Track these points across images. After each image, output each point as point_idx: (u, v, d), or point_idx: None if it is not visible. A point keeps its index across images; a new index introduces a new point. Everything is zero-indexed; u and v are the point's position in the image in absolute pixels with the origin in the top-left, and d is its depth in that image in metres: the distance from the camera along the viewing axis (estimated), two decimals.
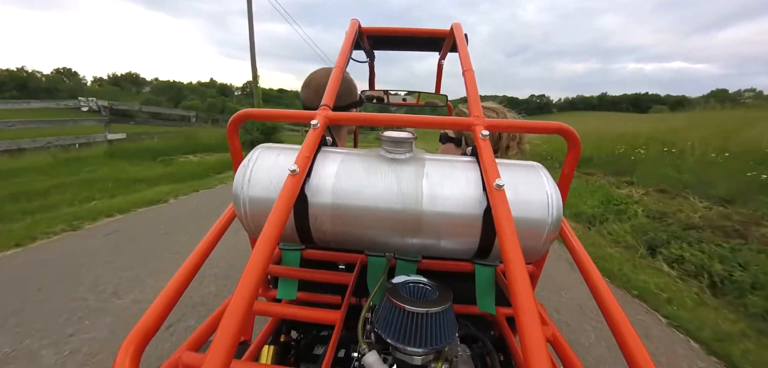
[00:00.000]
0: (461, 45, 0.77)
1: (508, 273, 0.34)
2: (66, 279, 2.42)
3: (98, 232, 3.34)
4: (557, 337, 0.58)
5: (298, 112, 0.60)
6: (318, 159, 0.51)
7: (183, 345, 0.48)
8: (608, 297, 0.43)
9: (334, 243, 0.53)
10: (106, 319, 1.99)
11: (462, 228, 0.47)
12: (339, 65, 0.70)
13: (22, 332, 1.85)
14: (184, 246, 3.02)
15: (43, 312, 2.03)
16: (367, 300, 0.55)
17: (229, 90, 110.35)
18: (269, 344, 0.71)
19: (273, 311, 0.61)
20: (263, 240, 0.35)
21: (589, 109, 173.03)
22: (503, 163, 0.51)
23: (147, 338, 0.37)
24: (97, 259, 2.74)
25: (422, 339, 0.45)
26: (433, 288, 0.52)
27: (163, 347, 1.72)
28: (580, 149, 0.53)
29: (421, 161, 0.51)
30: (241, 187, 0.50)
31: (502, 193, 0.42)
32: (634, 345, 0.37)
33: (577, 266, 0.52)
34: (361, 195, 0.48)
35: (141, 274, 2.52)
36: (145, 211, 4.14)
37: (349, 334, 0.64)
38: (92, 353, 1.73)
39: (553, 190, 0.48)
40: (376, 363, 0.46)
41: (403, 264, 0.66)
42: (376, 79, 1.62)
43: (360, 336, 0.50)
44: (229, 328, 0.29)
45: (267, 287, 0.78)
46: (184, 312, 2.05)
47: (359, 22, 0.85)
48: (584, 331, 2.12)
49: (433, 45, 1.16)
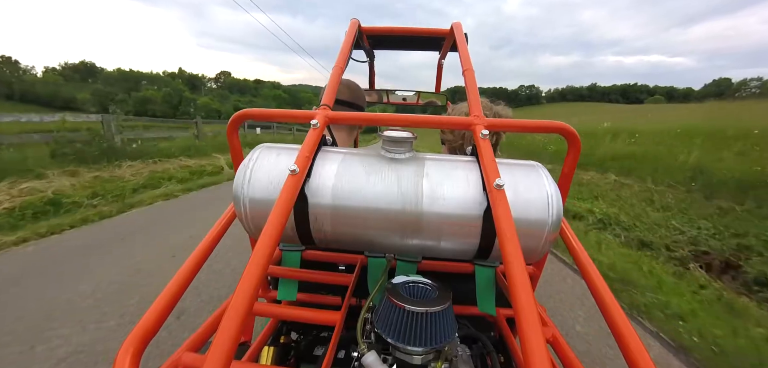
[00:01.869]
0: (461, 44, 0.77)
1: (509, 274, 0.34)
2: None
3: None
4: (557, 338, 0.58)
5: (298, 111, 0.60)
6: (318, 159, 0.51)
7: (183, 346, 0.48)
8: (608, 297, 0.43)
9: (334, 244, 0.52)
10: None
11: (462, 228, 0.47)
12: (339, 65, 0.70)
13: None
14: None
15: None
16: (367, 300, 0.55)
17: (200, 81, 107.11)
18: (269, 345, 0.71)
19: (273, 312, 0.60)
20: (263, 240, 0.35)
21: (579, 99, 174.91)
22: (503, 163, 0.51)
23: (147, 338, 0.37)
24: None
25: (422, 338, 0.45)
26: (432, 287, 0.52)
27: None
28: (580, 149, 0.53)
29: (421, 161, 0.51)
30: (241, 188, 0.49)
31: (502, 193, 0.41)
32: (634, 345, 0.37)
33: (578, 266, 0.52)
34: (361, 196, 0.47)
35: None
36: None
37: (349, 334, 0.64)
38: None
39: (553, 190, 0.48)
40: (375, 362, 0.46)
41: (403, 264, 0.66)
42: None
43: (359, 337, 0.50)
44: (229, 329, 0.29)
45: (267, 288, 0.78)
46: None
47: (359, 22, 0.85)
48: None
49: (433, 44, 1.16)
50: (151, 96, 38.24)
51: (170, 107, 51.61)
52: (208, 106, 56.27)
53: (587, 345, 1.91)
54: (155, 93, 50.80)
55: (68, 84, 68.61)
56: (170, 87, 57.49)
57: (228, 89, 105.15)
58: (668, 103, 40.76)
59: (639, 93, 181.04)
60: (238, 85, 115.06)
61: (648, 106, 25.53)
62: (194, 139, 8.94)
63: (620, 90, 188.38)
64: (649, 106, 23.70)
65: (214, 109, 55.40)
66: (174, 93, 53.45)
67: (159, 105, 48.63)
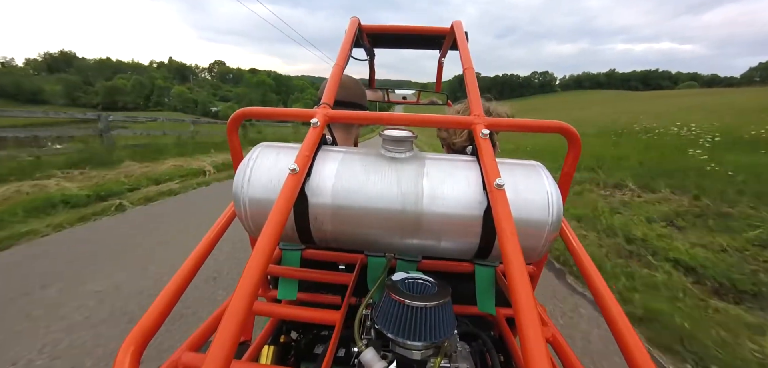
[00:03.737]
0: (461, 43, 0.77)
1: (508, 274, 0.34)
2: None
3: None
4: (557, 338, 0.58)
5: (298, 110, 0.60)
6: (318, 158, 0.51)
7: (183, 345, 0.48)
8: (608, 297, 0.43)
9: (334, 243, 0.53)
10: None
11: (462, 227, 0.47)
12: (339, 64, 0.70)
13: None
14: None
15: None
16: (366, 297, 0.55)
17: (191, 70, 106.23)
18: (269, 344, 0.71)
19: (273, 311, 0.61)
20: (263, 240, 0.35)
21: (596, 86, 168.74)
22: (504, 163, 0.50)
23: (147, 338, 0.38)
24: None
25: (421, 332, 0.46)
26: (432, 284, 0.52)
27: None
28: (580, 148, 0.53)
29: (422, 160, 0.51)
30: (241, 187, 0.49)
31: (502, 193, 0.41)
32: (634, 346, 0.37)
33: (578, 266, 0.52)
34: (361, 195, 0.48)
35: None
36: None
37: (349, 333, 0.65)
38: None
39: (553, 190, 0.48)
40: (374, 359, 0.46)
41: (403, 264, 0.66)
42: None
43: (356, 334, 0.50)
44: (229, 328, 0.29)
45: (267, 287, 0.78)
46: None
47: (359, 20, 0.85)
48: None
49: (433, 43, 1.15)
50: (120, 85, 36.58)
51: (141, 97, 48.83)
52: (184, 96, 52.51)
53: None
54: (123, 81, 47.82)
55: (38, 75, 63.70)
56: (147, 75, 53.82)
57: (220, 79, 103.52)
58: (704, 89, 35.42)
59: (661, 79, 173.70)
60: (233, 74, 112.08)
61: (680, 92, 22.20)
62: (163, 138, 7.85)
63: (641, 76, 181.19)
64: (685, 91, 20.93)
65: (191, 98, 52.03)
66: (147, 82, 50.71)
67: (130, 95, 46.20)
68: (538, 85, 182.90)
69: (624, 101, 14.74)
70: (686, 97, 9.63)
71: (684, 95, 12.21)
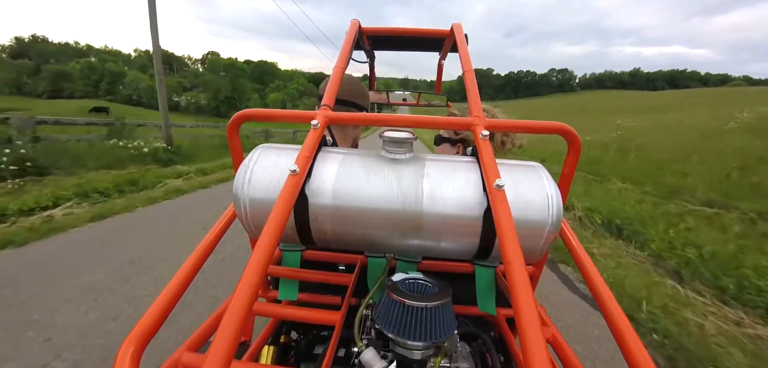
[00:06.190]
0: (461, 45, 0.77)
1: (508, 274, 0.34)
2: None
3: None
4: (557, 338, 0.58)
5: (299, 111, 0.60)
6: (318, 159, 0.51)
7: (183, 346, 0.48)
8: (608, 297, 0.43)
9: (334, 244, 0.53)
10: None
11: (462, 228, 0.47)
12: (339, 65, 0.70)
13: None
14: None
15: None
16: (367, 297, 0.56)
17: (180, 61, 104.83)
18: (269, 344, 0.71)
19: (273, 312, 0.61)
20: (263, 240, 0.35)
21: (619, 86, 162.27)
22: (503, 164, 0.50)
23: (147, 338, 0.38)
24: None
25: (422, 333, 0.46)
26: (432, 284, 0.52)
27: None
28: (580, 149, 0.53)
29: (422, 161, 0.51)
30: (241, 188, 0.50)
31: (502, 194, 0.41)
32: (635, 346, 0.37)
33: (578, 266, 0.52)
34: (361, 196, 0.48)
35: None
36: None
37: (349, 333, 0.65)
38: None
39: (553, 191, 0.48)
40: (374, 359, 0.46)
41: (403, 264, 0.66)
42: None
43: (356, 334, 0.50)
44: (229, 329, 0.29)
45: (267, 288, 0.78)
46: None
47: (359, 22, 0.85)
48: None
49: (433, 45, 1.15)
50: (67, 71, 31.90)
51: (90, 85, 42.24)
52: (139, 83, 45.10)
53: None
54: (69, 67, 37.84)
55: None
56: (99, 59, 45.46)
57: (210, 70, 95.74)
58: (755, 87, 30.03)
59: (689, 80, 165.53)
60: (225, 65, 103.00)
61: (721, 90, 18.89)
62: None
63: (667, 76, 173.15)
64: (727, 89, 18.00)
65: (148, 87, 43.74)
66: (98, 66, 40.25)
67: (77, 82, 40.72)
68: (557, 84, 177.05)
69: (655, 102, 12.28)
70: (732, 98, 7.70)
71: (725, 95, 9.97)
